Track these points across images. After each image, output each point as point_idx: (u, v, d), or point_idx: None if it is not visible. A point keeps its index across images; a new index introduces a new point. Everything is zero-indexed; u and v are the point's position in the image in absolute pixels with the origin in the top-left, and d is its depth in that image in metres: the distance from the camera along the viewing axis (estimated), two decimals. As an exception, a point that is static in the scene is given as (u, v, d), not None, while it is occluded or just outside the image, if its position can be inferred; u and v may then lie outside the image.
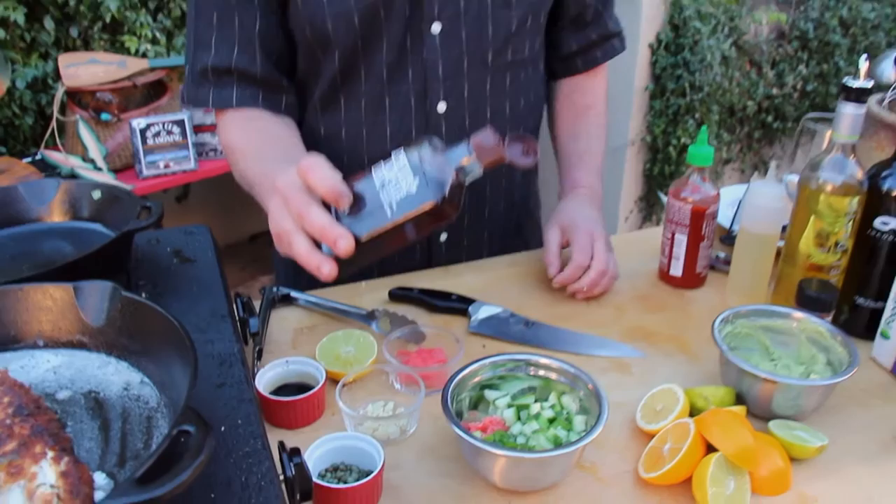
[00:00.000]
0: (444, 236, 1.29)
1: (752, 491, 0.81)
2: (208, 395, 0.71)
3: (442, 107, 1.17)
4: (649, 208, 3.60)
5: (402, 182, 0.77)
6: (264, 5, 1.10)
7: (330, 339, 1.02)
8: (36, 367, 0.70)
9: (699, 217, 1.17)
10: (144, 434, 0.63)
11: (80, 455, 0.60)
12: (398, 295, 1.17)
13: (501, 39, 1.16)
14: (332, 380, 0.96)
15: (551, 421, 0.85)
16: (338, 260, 0.78)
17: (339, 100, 1.18)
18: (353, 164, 1.21)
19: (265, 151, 1.11)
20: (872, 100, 1.18)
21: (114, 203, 0.97)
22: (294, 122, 1.20)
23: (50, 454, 0.56)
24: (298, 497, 0.69)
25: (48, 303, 0.72)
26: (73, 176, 2.18)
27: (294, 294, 1.16)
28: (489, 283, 1.23)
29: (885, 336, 1.03)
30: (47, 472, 0.55)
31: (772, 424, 0.89)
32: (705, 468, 0.79)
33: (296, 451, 0.71)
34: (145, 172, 2.36)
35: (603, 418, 0.80)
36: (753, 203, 1.13)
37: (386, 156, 1.19)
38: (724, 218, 1.38)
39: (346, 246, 0.76)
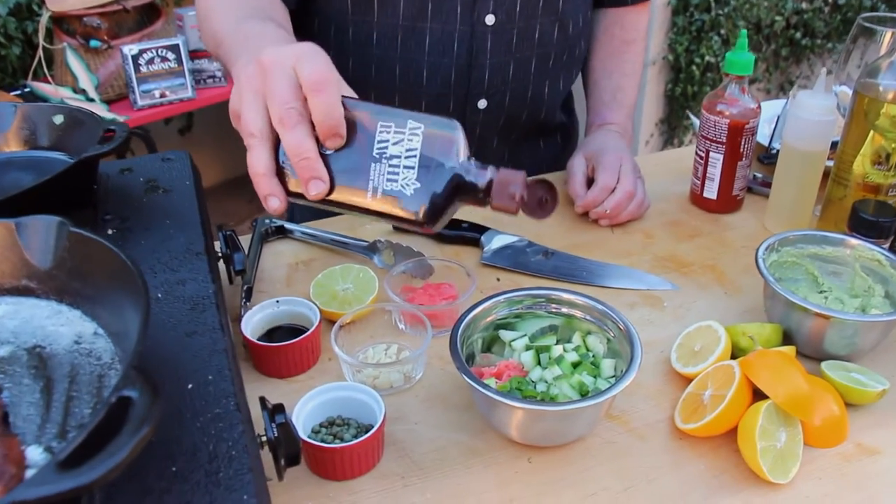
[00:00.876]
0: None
1: (805, 443, 0.71)
2: (176, 346, 0.61)
3: (490, 19, 1.06)
4: (671, 131, 3.44)
5: (399, 171, 0.63)
6: None
7: (326, 276, 0.91)
8: (-24, 316, 0.60)
9: (737, 132, 1.05)
10: (94, 397, 0.53)
11: (16, 424, 0.50)
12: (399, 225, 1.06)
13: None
14: (329, 321, 0.86)
15: (576, 365, 0.75)
16: (288, 194, 0.66)
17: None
18: (382, 77, 1.08)
19: (246, 9, 0.90)
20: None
21: (77, 128, 0.85)
22: (284, 7, 1.01)
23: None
24: (283, 462, 0.60)
25: (-15, 242, 0.62)
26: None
27: (288, 226, 1.05)
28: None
29: (949, 263, 0.92)
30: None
31: (825, 366, 0.78)
32: (754, 419, 0.69)
33: (279, 409, 0.61)
34: (140, 102, 2.23)
35: (636, 363, 0.70)
36: (799, 117, 1.00)
37: (419, 74, 1.06)
38: (760, 136, 1.25)
39: (317, 192, 0.64)
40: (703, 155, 1.09)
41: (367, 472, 0.70)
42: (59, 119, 0.87)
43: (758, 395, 0.72)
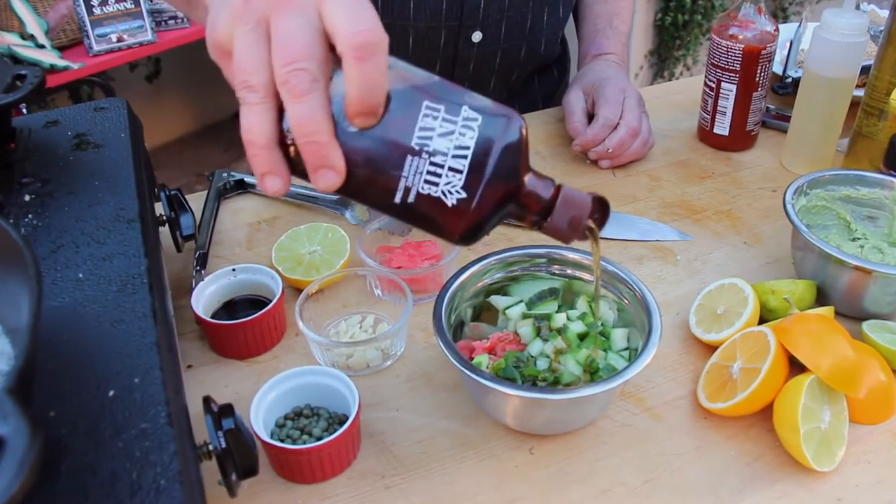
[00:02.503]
0: None
1: (851, 419, 0.61)
2: (97, 339, 0.49)
3: (477, 36, 0.99)
4: (661, 63, 3.30)
5: (443, 173, 0.46)
6: None
7: (290, 237, 0.80)
8: None
9: (753, 59, 0.93)
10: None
11: None
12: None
13: None
14: (295, 289, 0.75)
15: (582, 337, 0.64)
16: (293, 171, 0.48)
17: None
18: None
19: None
20: None
21: (-13, 73, 0.72)
22: None
23: None
24: (236, 476, 0.49)
25: None
26: (11, 57, 1.90)
27: (249, 179, 0.93)
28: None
29: None
30: None
31: (866, 327, 0.68)
32: (795, 398, 0.58)
33: (226, 412, 0.50)
34: (96, 48, 2.07)
35: (655, 335, 0.59)
36: (825, 39, 0.87)
37: (405, 2, 0.92)
38: (776, 66, 1.13)
39: (326, 185, 0.46)
40: (714, 86, 0.97)
41: (341, 472, 0.59)
42: (-32, 63, 0.74)
43: (794, 366, 0.62)
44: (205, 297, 0.72)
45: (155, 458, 0.41)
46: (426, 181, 0.46)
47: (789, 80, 1.11)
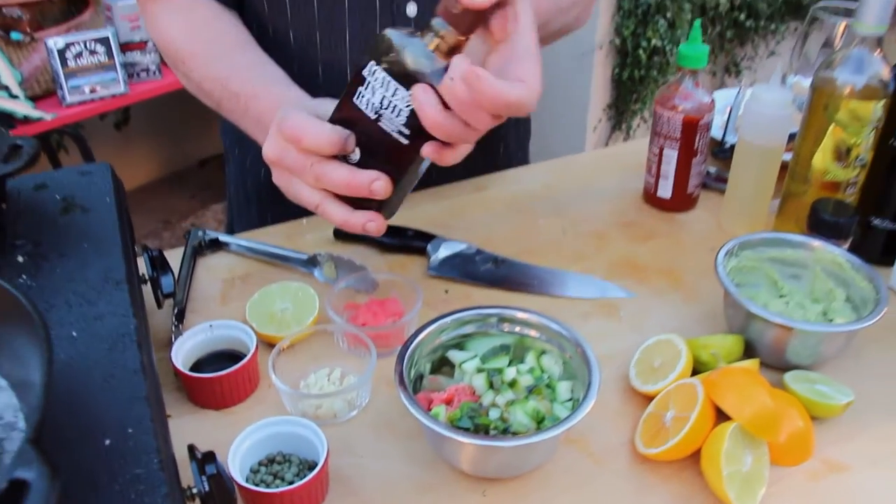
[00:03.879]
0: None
1: (771, 462, 0.68)
2: (92, 393, 0.55)
3: (412, 9, 0.98)
4: (619, 116, 3.43)
5: (395, 100, 0.66)
6: None
7: (262, 295, 0.86)
8: None
9: (692, 128, 1.01)
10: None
11: None
12: (345, 234, 1.01)
13: None
14: (268, 344, 0.80)
15: (530, 389, 0.71)
16: (378, 207, 0.71)
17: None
18: (304, 71, 1.00)
19: (225, 60, 0.90)
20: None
21: (-18, 143, 0.78)
22: (237, 16, 0.99)
23: None
24: (217, 516, 0.54)
25: None
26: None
27: (223, 238, 0.99)
28: (451, 212, 1.07)
29: (908, 262, 0.90)
30: None
31: (788, 378, 0.76)
32: (719, 443, 0.65)
33: (209, 459, 0.55)
34: (69, 99, 2.13)
35: (594, 388, 0.66)
36: (755, 111, 0.96)
37: (342, 73, 1.00)
38: (716, 132, 1.22)
39: (383, 186, 0.68)
40: (657, 152, 1.05)
41: (310, 514, 0.65)
42: (-38, 132, 0.79)
43: (721, 414, 0.69)
44: (184, 352, 0.77)
45: (149, 500, 0.47)
46: (396, 115, 0.66)
47: (728, 145, 1.20)
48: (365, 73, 0.66)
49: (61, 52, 2.05)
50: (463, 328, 0.75)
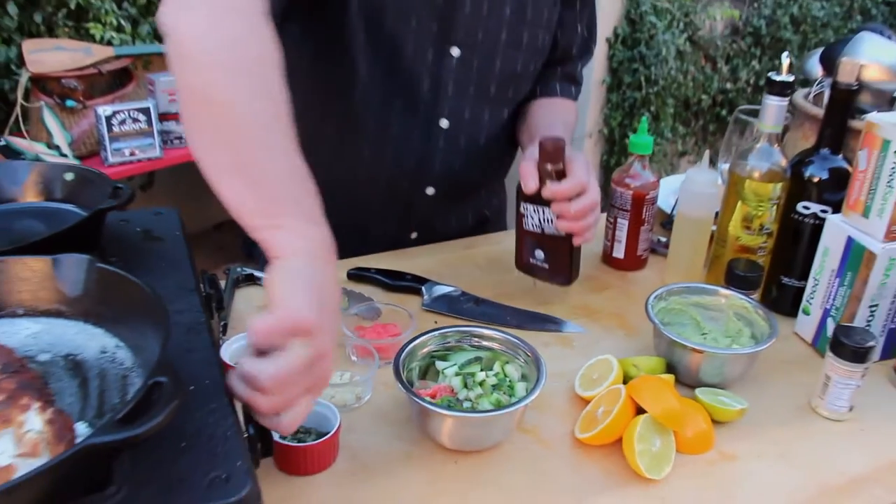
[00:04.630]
0: (414, 234, 1.38)
1: (678, 450, 0.89)
2: (178, 360, 0.76)
3: (444, 122, 1.25)
4: (605, 198, 3.69)
5: (546, 216, 1.13)
6: None
7: (291, 315, 1.08)
8: (17, 334, 0.75)
9: (640, 202, 1.25)
10: (120, 391, 0.69)
11: (61, 409, 0.66)
12: (356, 275, 1.24)
13: (507, 76, 1.25)
14: (294, 352, 1.02)
15: (495, 387, 0.93)
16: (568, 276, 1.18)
17: (354, 94, 1.20)
18: (346, 165, 1.26)
19: (261, 139, 0.78)
20: (800, 94, 1.27)
21: (86, 184, 1.02)
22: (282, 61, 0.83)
23: (36, 405, 0.62)
24: (260, 453, 0.76)
25: (27, 274, 0.78)
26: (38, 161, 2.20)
27: (257, 274, 1.22)
28: (443, 264, 1.30)
29: (806, 312, 1.12)
30: (34, 420, 0.61)
31: (698, 391, 0.97)
32: (633, 428, 0.87)
33: (252, 439, 0.77)
34: (111, 160, 2.39)
35: (541, 383, 0.88)
36: (689, 189, 1.21)
37: (383, 161, 1.25)
38: (666, 205, 1.46)
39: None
40: (613, 221, 1.29)
41: (325, 469, 0.86)
42: (69, 176, 1.03)
43: (640, 412, 0.90)
44: (230, 351, 0.99)
45: (222, 423, 0.68)
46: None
47: (674, 217, 1.44)
48: (521, 210, 1.13)
49: (108, 119, 2.31)
50: (445, 341, 0.97)
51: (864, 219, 1.02)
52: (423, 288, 1.21)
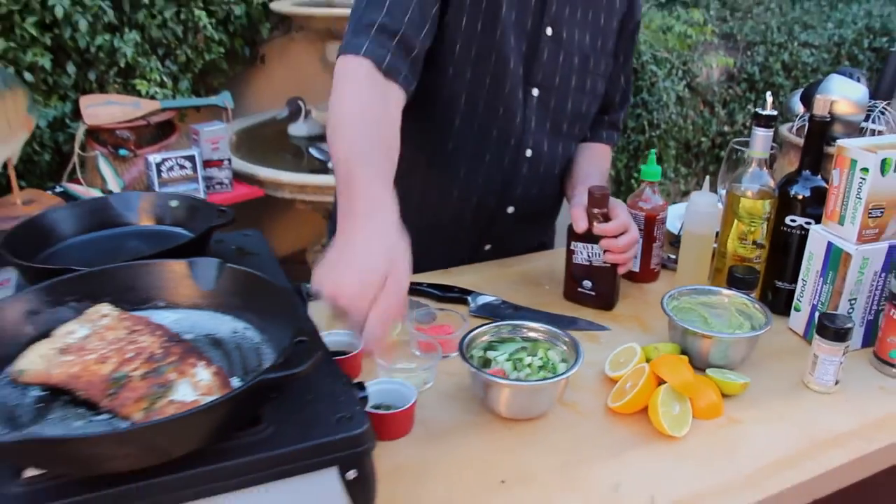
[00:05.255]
0: (488, 246, 1.62)
1: (694, 416, 1.08)
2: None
3: (528, 152, 1.49)
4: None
5: (594, 251, 1.36)
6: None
7: (361, 318, 1.27)
8: (162, 321, 0.95)
9: (651, 222, 1.45)
10: (256, 358, 0.88)
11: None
12: (412, 289, 1.43)
13: (576, 115, 1.51)
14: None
15: (541, 367, 1.11)
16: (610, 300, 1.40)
17: (454, 124, 1.43)
18: (443, 182, 1.49)
19: (372, 153, 1.08)
20: (785, 127, 1.48)
21: (191, 210, 1.22)
22: (399, 126, 1.19)
23: (201, 363, 0.81)
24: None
25: (168, 275, 0.98)
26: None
27: (324, 288, 1.41)
28: (485, 279, 1.50)
29: (797, 309, 1.32)
30: (203, 373, 0.80)
31: (708, 371, 1.16)
32: (657, 395, 1.06)
33: (361, 386, 0.95)
34: (159, 203, 2.59)
35: (579, 361, 1.07)
36: (693, 210, 1.41)
37: (477, 182, 1.47)
38: (674, 227, 1.66)
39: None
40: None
41: (404, 435, 1.05)
42: (174, 203, 1.24)
43: (663, 385, 1.09)
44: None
45: (339, 381, 0.87)
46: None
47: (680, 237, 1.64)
48: (572, 247, 1.37)
49: (158, 166, 2.53)
50: (499, 331, 1.16)
51: (840, 226, 1.22)
52: (468, 298, 1.40)
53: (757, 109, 1.28)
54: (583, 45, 1.46)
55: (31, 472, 0.72)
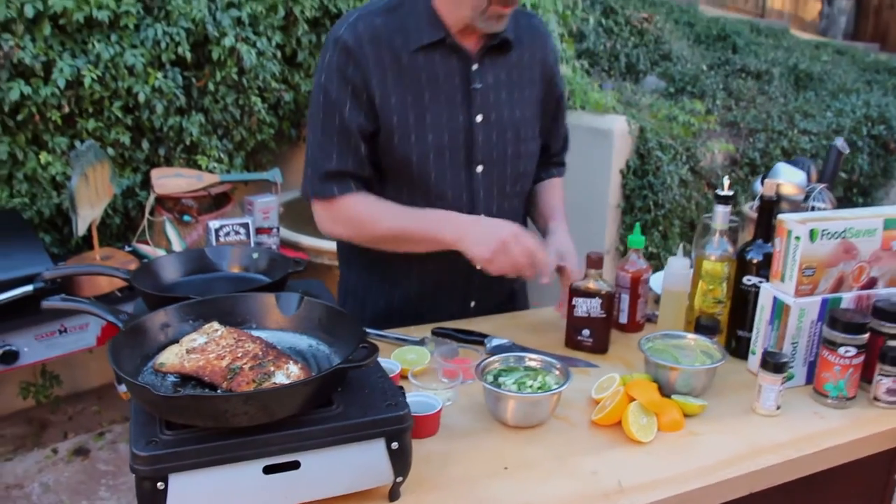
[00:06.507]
0: (473, 303, 1.90)
1: (659, 429, 1.38)
2: (350, 355, 1.28)
3: (483, 214, 1.80)
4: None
5: (593, 304, 1.67)
6: (367, 135, 1.68)
7: (400, 350, 1.60)
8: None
9: (636, 282, 1.77)
10: (328, 363, 1.20)
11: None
12: (436, 332, 1.75)
13: (517, 176, 1.82)
14: (402, 375, 1.53)
15: (539, 389, 1.42)
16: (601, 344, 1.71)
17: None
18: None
19: (406, 211, 1.68)
20: (746, 206, 1.80)
21: (270, 261, 1.56)
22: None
23: (291, 361, 1.14)
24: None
25: (260, 304, 1.31)
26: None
27: (368, 330, 1.74)
28: (497, 328, 1.82)
29: (753, 353, 1.62)
30: (293, 368, 1.12)
31: (674, 396, 1.46)
32: (628, 409, 1.36)
33: (401, 392, 1.27)
34: (215, 263, 2.95)
35: (569, 380, 1.38)
36: (670, 272, 1.73)
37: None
38: (658, 288, 1.97)
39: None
40: (618, 297, 1.80)
41: (432, 435, 1.35)
42: (255, 255, 1.58)
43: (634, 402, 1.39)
44: (362, 369, 1.50)
45: (387, 380, 1.19)
46: None
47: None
48: (573, 303, 1.66)
49: (216, 231, 2.89)
50: (507, 360, 1.48)
51: (782, 283, 1.53)
52: (485, 340, 1.72)
53: (717, 191, 1.61)
54: (512, 120, 1.76)
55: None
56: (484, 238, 1.59)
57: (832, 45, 9.40)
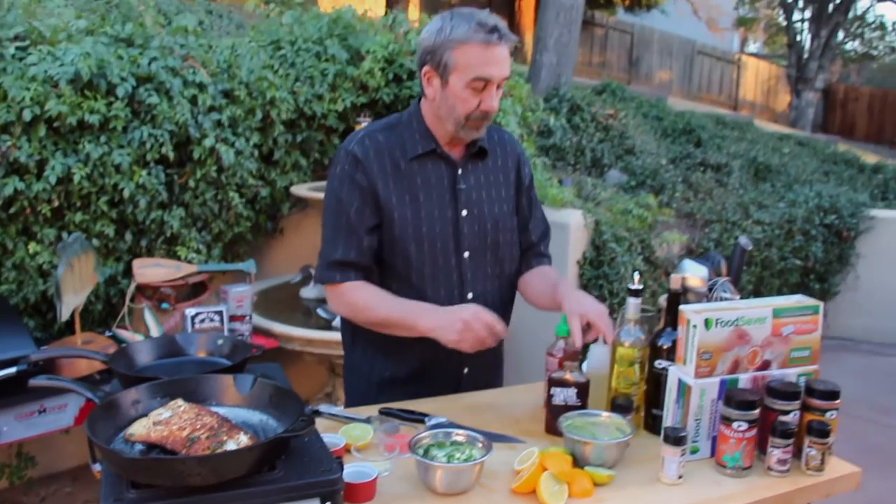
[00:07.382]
0: (466, 370, 2.12)
1: (570, 496, 1.56)
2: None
3: (471, 294, 2.05)
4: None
5: (570, 394, 1.84)
6: (370, 229, 1.97)
7: (347, 427, 1.78)
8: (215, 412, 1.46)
9: (562, 366, 1.97)
10: (275, 433, 1.39)
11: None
12: (383, 412, 1.95)
13: (498, 262, 2.10)
14: (346, 449, 1.71)
15: (465, 460, 1.61)
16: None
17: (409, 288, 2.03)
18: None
19: (393, 302, 1.95)
20: (662, 297, 2.03)
21: (233, 347, 1.76)
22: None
23: (241, 432, 1.33)
24: (339, 477, 1.44)
25: (220, 384, 1.51)
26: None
27: (320, 409, 1.92)
28: (439, 408, 2.01)
29: (664, 429, 1.81)
30: (243, 438, 1.32)
31: (587, 467, 1.65)
32: (542, 478, 1.55)
33: (339, 460, 1.45)
34: (190, 348, 3.13)
35: (490, 452, 1.57)
36: (592, 357, 1.94)
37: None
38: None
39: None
40: (547, 381, 2.00)
41: (368, 501, 1.53)
42: (220, 341, 1.78)
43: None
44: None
45: (324, 451, 1.38)
46: None
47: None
48: (551, 392, 1.82)
49: (192, 318, 3.08)
50: (437, 435, 1.67)
51: (685, 365, 1.74)
52: (425, 419, 1.91)
53: (629, 285, 1.84)
54: (493, 213, 2.07)
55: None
56: (449, 324, 1.85)
57: (795, 136, 9.86)
